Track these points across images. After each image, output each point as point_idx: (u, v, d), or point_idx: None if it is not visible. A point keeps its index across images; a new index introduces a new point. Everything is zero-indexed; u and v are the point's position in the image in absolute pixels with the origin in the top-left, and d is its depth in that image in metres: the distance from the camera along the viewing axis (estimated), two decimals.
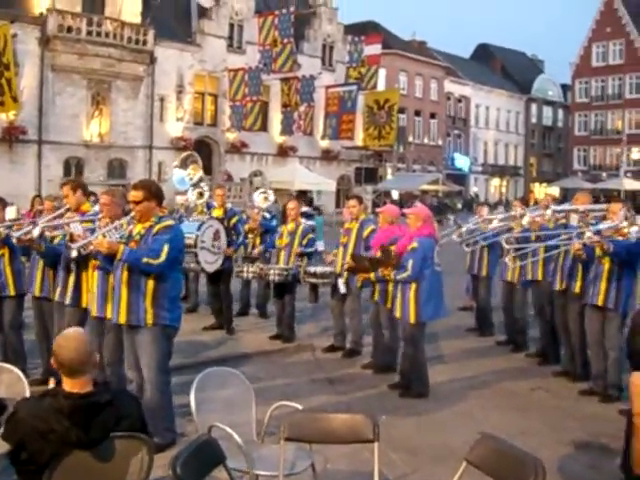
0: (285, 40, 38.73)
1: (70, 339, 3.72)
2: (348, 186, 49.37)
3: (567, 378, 9.41)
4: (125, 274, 6.38)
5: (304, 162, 45.46)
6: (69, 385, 3.66)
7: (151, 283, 6.34)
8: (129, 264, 6.27)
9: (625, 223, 7.74)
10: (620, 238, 7.90)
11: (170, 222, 6.55)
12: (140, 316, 6.34)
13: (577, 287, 8.89)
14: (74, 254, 6.97)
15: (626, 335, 7.93)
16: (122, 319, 6.44)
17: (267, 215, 13.67)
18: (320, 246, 13.49)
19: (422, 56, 62.68)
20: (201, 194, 12.65)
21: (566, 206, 9.51)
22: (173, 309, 6.49)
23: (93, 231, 6.90)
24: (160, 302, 6.35)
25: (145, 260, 6.17)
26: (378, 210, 10.05)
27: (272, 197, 14.20)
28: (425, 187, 53.16)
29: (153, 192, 6.50)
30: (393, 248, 8.71)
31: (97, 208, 7.65)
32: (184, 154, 13.51)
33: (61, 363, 3.66)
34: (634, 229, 7.55)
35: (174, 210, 13.50)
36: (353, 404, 8.16)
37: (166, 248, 6.22)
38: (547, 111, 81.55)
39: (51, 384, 3.85)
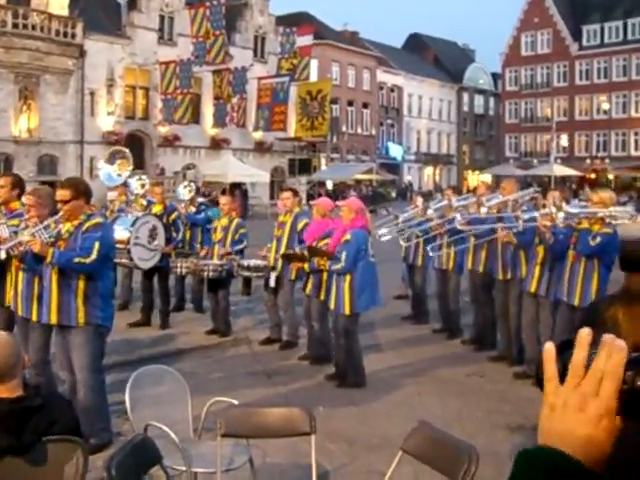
0: (217, 32, 38.43)
1: None
2: (282, 177, 49.29)
3: (503, 363, 9.59)
4: (55, 274, 6.28)
5: (237, 154, 45.23)
6: None
7: (82, 282, 6.26)
8: (60, 266, 6.17)
9: (553, 209, 7.89)
10: (549, 224, 8.03)
11: (99, 220, 6.47)
12: (72, 316, 6.25)
13: (522, 273, 9.08)
14: (3, 255, 6.82)
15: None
16: (53, 319, 6.34)
17: (193, 208, 13.60)
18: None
19: (354, 46, 62.88)
20: (143, 185, 12.55)
21: (496, 199, 9.65)
22: (105, 308, 6.41)
23: (17, 232, 6.76)
24: (92, 301, 6.27)
25: (77, 260, 6.09)
26: (312, 203, 10.07)
27: (194, 189, 14.13)
28: (359, 177, 53.42)
29: (81, 190, 6.41)
30: (324, 243, 8.76)
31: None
32: (112, 149, 13.30)
33: None
34: (561, 215, 7.67)
35: (104, 206, 13.21)
36: (291, 396, 8.18)
37: (97, 245, 6.15)
38: (478, 100, 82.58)
39: None
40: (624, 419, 1.14)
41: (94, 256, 6.13)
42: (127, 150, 12.49)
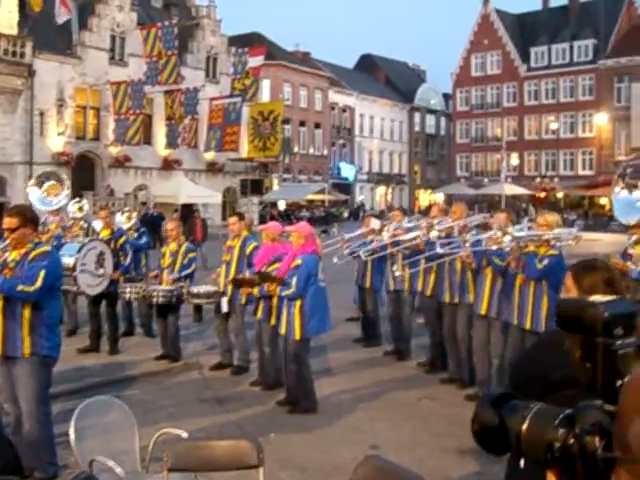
0: (169, 52, 38.31)
1: None
2: (234, 198, 49.19)
3: (454, 385, 9.62)
4: (0, 301, 6.15)
5: (189, 175, 45.08)
6: None
7: (28, 311, 6.13)
8: (3, 293, 6.05)
9: (499, 233, 7.98)
10: (495, 247, 8.10)
11: (46, 248, 6.37)
12: (17, 346, 6.12)
13: (470, 298, 9.13)
14: None
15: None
16: None
17: (135, 234, 13.47)
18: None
19: (306, 67, 63.15)
20: (80, 208, 12.36)
21: (446, 224, 9.70)
22: (52, 337, 6.28)
23: None
24: (38, 330, 6.15)
25: (20, 288, 5.97)
26: (260, 228, 10.02)
27: (135, 216, 13.99)
28: (311, 197, 53.58)
29: (29, 218, 6.31)
30: (273, 268, 8.74)
31: None
32: (40, 172, 13.00)
33: None
34: (507, 238, 7.75)
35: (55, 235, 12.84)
36: (242, 423, 8.12)
37: (42, 274, 6.04)
38: (430, 119, 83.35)
39: None
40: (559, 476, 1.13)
41: (38, 284, 6.01)
42: (60, 173, 12.20)
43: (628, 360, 1.48)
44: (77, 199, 13.80)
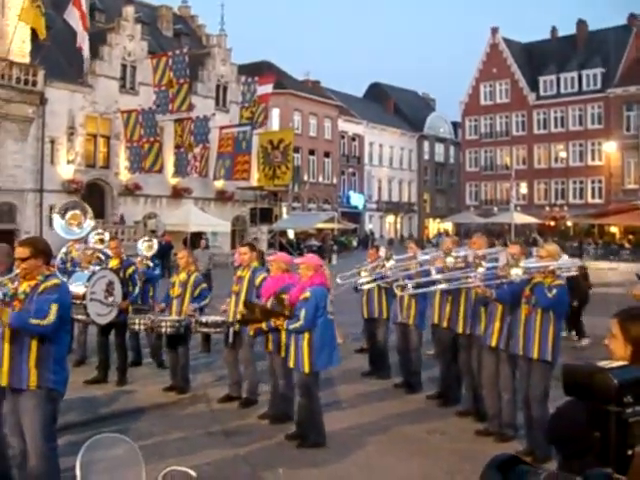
0: (181, 80, 38.63)
1: None
2: (243, 226, 49.25)
3: (468, 418, 9.52)
4: (8, 332, 6.11)
5: (199, 203, 45.20)
6: None
7: (36, 343, 6.07)
8: (15, 327, 6.01)
9: (501, 264, 7.98)
10: (505, 280, 8.06)
11: (57, 281, 6.32)
12: (23, 378, 6.06)
13: (481, 329, 9.05)
14: None
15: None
16: (3, 381, 6.15)
17: (150, 264, 13.49)
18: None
19: (316, 95, 63.41)
20: (102, 240, 12.44)
21: (463, 252, 9.64)
22: (59, 371, 6.21)
23: None
24: (45, 363, 6.09)
25: (33, 322, 5.93)
26: (269, 259, 9.95)
27: (156, 245, 14.06)
28: (320, 225, 53.49)
29: (40, 249, 6.29)
30: (285, 297, 8.68)
31: None
32: (65, 202, 13.12)
33: None
34: (514, 271, 7.71)
35: (61, 259, 12.84)
36: (250, 457, 8.04)
37: (54, 308, 6.01)
38: (439, 148, 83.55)
39: None
40: None
41: (51, 318, 5.97)
42: (84, 203, 12.30)
43: (638, 429, 1.43)
44: (98, 230, 13.89)
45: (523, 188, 67.82)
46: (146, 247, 13.76)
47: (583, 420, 1.54)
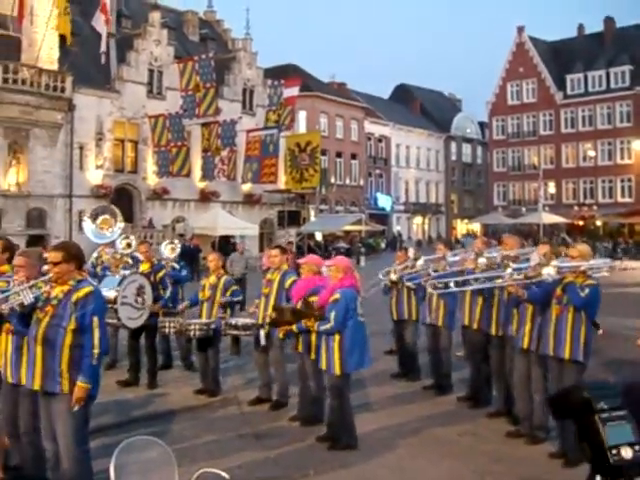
0: (208, 84, 38.72)
1: None
2: (271, 230, 49.38)
3: (499, 420, 9.46)
4: (41, 336, 6.17)
5: (227, 207, 45.36)
6: None
7: (68, 347, 6.14)
8: (92, 375, 6.18)
9: (532, 264, 7.93)
10: (535, 280, 8.01)
11: (90, 288, 6.36)
12: (56, 381, 6.13)
13: (513, 331, 9.00)
14: None
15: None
16: (37, 385, 6.21)
17: (176, 266, 13.56)
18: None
19: (342, 98, 63.40)
20: (129, 244, 12.51)
21: (495, 253, 9.58)
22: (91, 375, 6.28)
23: (4, 292, 6.66)
24: (78, 367, 6.14)
25: (93, 359, 6.15)
26: (300, 262, 9.93)
27: (179, 248, 14.14)
28: (348, 227, 53.46)
29: (73, 254, 6.35)
30: (315, 299, 8.69)
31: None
32: (95, 207, 13.24)
33: None
34: (546, 270, 7.66)
35: (91, 263, 12.97)
36: (281, 460, 8.04)
37: (95, 321, 6.19)
38: (466, 148, 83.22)
39: None
40: None
41: (97, 333, 6.18)
42: (114, 207, 12.39)
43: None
44: (125, 235, 14.02)
45: (551, 188, 67.49)
46: (169, 250, 13.86)
47: None
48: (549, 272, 7.64)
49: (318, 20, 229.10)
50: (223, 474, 4.95)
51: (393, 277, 12.04)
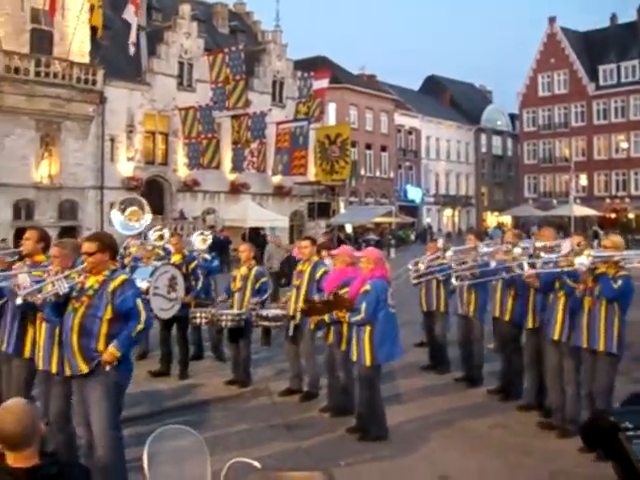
0: (237, 77, 38.82)
1: (11, 411, 3.53)
2: (301, 222, 49.44)
3: (530, 412, 9.41)
4: (77, 326, 6.24)
5: (256, 199, 45.49)
6: (13, 459, 3.48)
7: (103, 337, 6.22)
8: (126, 348, 6.27)
9: (566, 252, 7.87)
10: (569, 269, 7.94)
11: (125, 276, 6.46)
12: (91, 367, 6.21)
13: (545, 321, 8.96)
14: (19, 301, 6.74)
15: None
16: (71, 371, 6.33)
17: (208, 257, 13.61)
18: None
19: (372, 90, 63.16)
20: (161, 236, 12.60)
21: (529, 243, 9.53)
22: (124, 363, 6.34)
23: (41, 282, 6.75)
24: None
25: (134, 332, 6.24)
26: (332, 253, 9.90)
27: (210, 239, 14.19)
28: (378, 220, 53.34)
29: (107, 244, 6.44)
30: (346, 291, 8.70)
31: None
32: (123, 198, 13.27)
33: (2, 438, 3.47)
34: (579, 260, 7.57)
35: (133, 257, 13.01)
36: (312, 451, 8.07)
37: (139, 302, 6.32)
38: (496, 141, 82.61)
39: None
40: None
41: (143, 313, 6.29)
42: (141, 199, 12.39)
43: None
44: (158, 227, 14.11)
45: (583, 180, 66.91)
46: (200, 241, 13.90)
47: None
48: (582, 261, 7.53)
49: (348, 11, 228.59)
50: (255, 463, 4.98)
51: (421, 267, 12.03)
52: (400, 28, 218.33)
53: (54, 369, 6.72)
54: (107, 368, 6.11)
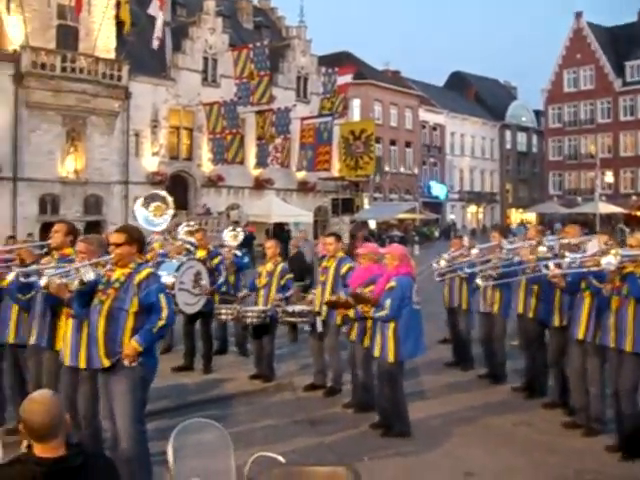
0: (262, 72, 38.89)
1: (38, 402, 3.55)
2: (325, 217, 49.42)
3: (554, 410, 9.36)
4: (103, 318, 6.29)
5: (281, 194, 45.53)
6: (40, 450, 3.50)
7: (129, 330, 6.26)
8: (148, 343, 6.29)
9: (593, 251, 7.80)
10: (595, 269, 7.86)
11: (150, 270, 6.51)
12: (116, 360, 6.25)
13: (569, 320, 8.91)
14: (43, 282, 6.70)
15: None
16: (97, 364, 6.38)
17: (238, 253, 13.63)
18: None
19: (396, 85, 62.98)
20: (236, 236, 12.79)
21: (553, 241, 9.47)
22: (149, 357, 6.38)
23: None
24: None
25: (156, 328, 6.25)
26: (358, 251, 9.82)
27: (241, 235, 14.21)
28: (402, 216, 53.23)
29: (135, 237, 6.49)
30: (369, 289, 8.68)
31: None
32: (148, 193, 13.26)
33: (30, 428, 3.49)
34: (606, 260, 7.46)
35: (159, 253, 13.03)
36: (335, 446, 8.07)
37: (162, 297, 6.33)
38: (521, 137, 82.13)
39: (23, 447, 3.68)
40: None
41: (165, 309, 6.29)
42: (166, 194, 12.38)
43: None
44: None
45: (608, 177, 66.31)
46: (231, 237, 13.92)
47: None
48: (609, 261, 7.43)
49: (373, 7, 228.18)
50: (279, 458, 4.99)
51: (442, 263, 12.02)
52: (425, 25, 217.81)
53: (82, 364, 6.76)
54: (127, 362, 6.13)
